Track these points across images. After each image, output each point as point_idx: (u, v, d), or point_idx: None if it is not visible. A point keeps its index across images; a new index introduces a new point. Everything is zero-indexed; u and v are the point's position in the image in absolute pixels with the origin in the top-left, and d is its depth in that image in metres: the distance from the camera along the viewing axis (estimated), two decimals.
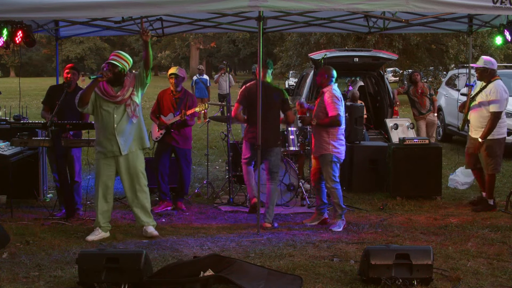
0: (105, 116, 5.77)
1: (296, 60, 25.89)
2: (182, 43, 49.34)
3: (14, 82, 24.58)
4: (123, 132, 5.76)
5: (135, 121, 5.82)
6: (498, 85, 6.83)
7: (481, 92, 6.92)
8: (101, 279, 4.28)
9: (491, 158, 6.87)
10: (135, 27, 8.28)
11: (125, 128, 5.77)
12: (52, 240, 5.67)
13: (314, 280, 4.60)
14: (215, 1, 5.58)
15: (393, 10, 6.50)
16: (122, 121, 5.76)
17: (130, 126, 5.80)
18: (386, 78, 11.96)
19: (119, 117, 5.75)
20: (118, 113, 5.75)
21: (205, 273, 4.47)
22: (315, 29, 12.67)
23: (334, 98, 6.20)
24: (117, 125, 5.75)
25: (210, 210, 7.06)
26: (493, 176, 6.99)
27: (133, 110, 5.79)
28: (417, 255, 4.42)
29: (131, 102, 5.78)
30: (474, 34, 13.45)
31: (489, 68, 6.89)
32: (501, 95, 6.76)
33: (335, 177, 6.25)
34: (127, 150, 5.79)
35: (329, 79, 6.34)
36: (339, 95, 6.27)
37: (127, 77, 5.83)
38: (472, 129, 7.07)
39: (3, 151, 6.43)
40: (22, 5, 5.75)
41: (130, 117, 5.78)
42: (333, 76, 6.37)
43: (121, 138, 5.76)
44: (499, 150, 6.90)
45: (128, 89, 5.77)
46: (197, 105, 7.14)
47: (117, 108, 5.75)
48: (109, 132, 5.76)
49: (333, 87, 6.31)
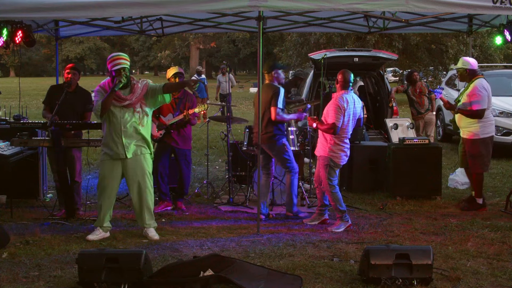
0: (113, 118, 5.76)
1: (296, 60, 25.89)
2: (182, 43, 49.34)
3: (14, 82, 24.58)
4: (129, 136, 5.75)
5: (141, 130, 5.80)
6: (477, 84, 6.88)
7: (465, 92, 6.97)
8: (101, 279, 4.28)
9: (476, 158, 6.91)
10: (135, 27, 8.29)
11: (131, 132, 5.75)
12: (52, 240, 5.67)
13: (314, 280, 4.60)
14: (215, 1, 5.58)
15: (393, 10, 6.50)
16: (130, 125, 5.75)
17: (137, 132, 5.78)
18: (386, 78, 11.96)
19: (126, 120, 5.74)
20: (126, 117, 5.73)
21: (205, 273, 4.47)
22: (315, 29, 12.69)
23: (337, 107, 6.14)
24: (124, 128, 5.73)
25: (210, 210, 7.06)
26: (481, 175, 7.02)
27: (141, 117, 5.78)
28: (417, 255, 4.42)
29: (140, 110, 5.78)
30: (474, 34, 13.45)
31: (468, 69, 6.93)
32: (479, 93, 6.79)
33: (331, 180, 6.24)
34: (132, 154, 5.79)
35: (343, 83, 6.23)
36: (343, 104, 6.13)
37: (137, 83, 5.79)
38: (460, 129, 7.13)
39: (3, 151, 6.43)
40: (22, 5, 5.75)
41: (138, 123, 5.77)
42: (345, 81, 6.24)
43: (127, 141, 5.75)
44: (484, 149, 6.91)
45: (136, 95, 5.74)
46: (196, 105, 7.14)
47: (125, 111, 5.73)
48: (116, 134, 5.76)
49: (343, 94, 6.19)
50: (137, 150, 5.81)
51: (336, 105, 6.16)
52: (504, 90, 11.64)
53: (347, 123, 6.21)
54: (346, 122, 6.19)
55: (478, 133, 6.87)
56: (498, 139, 10.77)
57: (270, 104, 6.50)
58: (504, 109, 10.94)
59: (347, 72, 6.31)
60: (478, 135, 6.87)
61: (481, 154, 6.91)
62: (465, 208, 7.00)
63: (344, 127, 6.19)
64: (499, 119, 10.82)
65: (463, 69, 6.97)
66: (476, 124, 6.86)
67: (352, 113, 6.23)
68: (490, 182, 8.72)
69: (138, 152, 5.81)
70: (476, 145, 6.89)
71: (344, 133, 6.22)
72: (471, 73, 6.95)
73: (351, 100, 6.23)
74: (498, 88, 11.50)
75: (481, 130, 6.87)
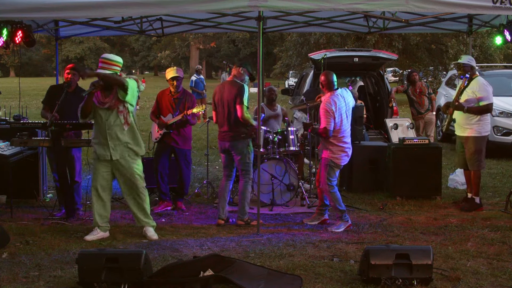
0: (99, 121, 5.78)
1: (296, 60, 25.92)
2: (182, 43, 49.35)
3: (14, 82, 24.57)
4: (114, 138, 5.74)
5: (127, 129, 5.77)
6: (482, 81, 6.99)
7: (465, 90, 6.98)
8: (101, 279, 4.28)
9: (476, 155, 6.94)
10: (135, 27, 8.29)
11: (116, 134, 5.75)
12: (52, 240, 5.68)
13: (314, 280, 4.60)
14: (215, 1, 5.58)
15: (393, 10, 6.50)
16: (114, 127, 5.74)
17: (122, 133, 5.77)
18: (386, 78, 11.96)
19: (110, 122, 5.74)
20: (110, 119, 5.73)
21: (205, 273, 4.47)
22: (315, 29, 12.69)
23: (325, 111, 6.12)
24: (109, 131, 5.74)
25: (210, 210, 7.06)
26: (479, 173, 7.04)
27: (125, 117, 5.75)
28: (417, 255, 4.42)
29: (124, 109, 5.75)
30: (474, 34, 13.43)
31: (472, 66, 7.04)
32: (486, 90, 6.92)
33: (331, 181, 6.23)
34: (118, 156, 5.77)
35: (327, 85, 6.22)
36: (331, 107, 6.09)
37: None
38: (458, 127, 7.13)
39: (3, 151, 6.43)
40: (22, 5, 5.75)
41: (122, 123, 5.75)
42: (329, 83, 6.21)
43: (112, 144, 5.75)
44: (484, 147, 7.02)
45: (115, 95, 5.71)
46: (196, 105, 7.14)
47: (109, 113, 5.73)
48: (103, 136, 5.78)
49: (330, 97, 6.17)
50: (125, 153, 5.79)
51: (324, 109, 6.16)
52: (504, 90, 11.63)
53: (341, 123, 6.18)
54: (339, 123, 6.16)
55: (480, 130, 6.95)
56: (498, 139, 10.78)
57: (235, 102, 6.25)
58: (504, 109, 10.93)
59: (329, 73, 6.28)
60: (480, 132, 6.95)
61: (481, 151, 6.98)
62: (465, 208, 7.00)
63: (338, 128, 6.17)
64: (499, 119, 10.83)
65: (469, 65, 7.02)
66: (477, 122, 6.92)
67: (344, 111, 6.22)
68: (490, 182, 8.73)
69: (125, 155, 5.80)
70: (478, 142, 6.95)
71: (339, 133, 6.20)
72: (473, 70, 7.03)
73: (340, 99, 6.21)
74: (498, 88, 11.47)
75: (482, 128, 6.96)
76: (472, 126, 6.94)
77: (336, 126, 6.15)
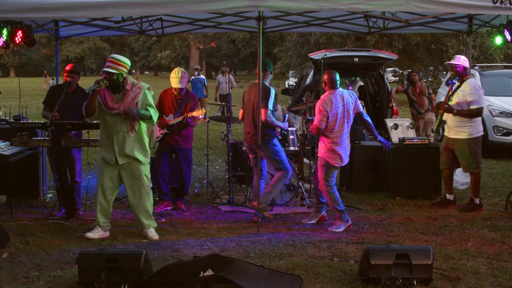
0: (106, 124, 5.78)
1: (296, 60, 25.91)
2: (182, 43, 49.35)
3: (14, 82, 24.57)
4: (120, 143, 5.74)
5: (133, 135, 5.75)
6: (473, 84, 6.96)
7: (456, 92, 6.96)
8: (101, 279, 4.28)
9: (473, 157, 6.92)
10: (135, 27, 8.29)
11: (123, 139, 5.74)
12: (52, 240, 5.67)
13: (314, 280, 4.60)
14: (215, 1, 5.58)
15: (393, 10, 6.50)
16: (121, 131, 5.73)
17: (128, 138, 5.75)
18: (386, 78, 11.96)
19: (117, 128, 5.73)
20: (117, 124, 5.72)
21: (205, 273, 4.47)
22: (315, 29, 12.69)
23: (319, 110, 6.13)
24: (116, 135, 5.73)
25: (210, 210, 7.06)
26: (478, 175, 7.03)
27: (132, 124, 5.73)
28: (417, 255, 4.42)
29: None
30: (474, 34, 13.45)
31: (466, 66, 7.02)
32: (478, 94, 6.89)
33: (328, 181, 6.23)
34: (124, 161, 5.77)
35: (330, 84, 6.22)
36: (325, 106, 6.09)
37: (129, 91, 5.72)
38: (449, 129, 7.10)
39: (3, 151, 6.43)
40: (22, 5, 5.75)
41: (127, 131, 5.72)
42: (332, 81, 6.22)
43: (118, 148, 5.74)
44: (479, 148, 6.98)
45: (125, 104, 5.68)
46: (197, 108, 7.13)
47: (116, 119, 5.72)
48: (109, 140, 5.77)
49: (328, 95, 6.17)
50: (130, 158, 5.77)
51: (318, 108, 6.17)
52: (504, 90, 11.64)
53: (334, 124, 6.13)
54: (332, 123, 6.13)
55: (472, 132, 6.91)
56: (498, 139, 10.78)
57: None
58: (504, 109, 10.93)
59: (333, 72, 6.29)
60: (472, 134, 6.91)
61: (477, 152, 6.95)
62: (465, 209, 7.00)
63: (330, 128, 6.14)
64: (499, 119, 10.83)
65: (462, 66, 7.00)
66: (470, 123, 6.89)
67: (340, 111, 6.15)
68: (490, 182, 8.73)
69: (131, 160, 5.79)
70: (472, 144, 6.92)
71: (331, 133, 6.16)
72: (466, 71, 7.03)
73: (339, 99, 6.18)
74: (498, 88, 11.52)
75: (474, 130, 6.93)
76: (463, 129, 6.91)
77: (329, 126, 6.14)
